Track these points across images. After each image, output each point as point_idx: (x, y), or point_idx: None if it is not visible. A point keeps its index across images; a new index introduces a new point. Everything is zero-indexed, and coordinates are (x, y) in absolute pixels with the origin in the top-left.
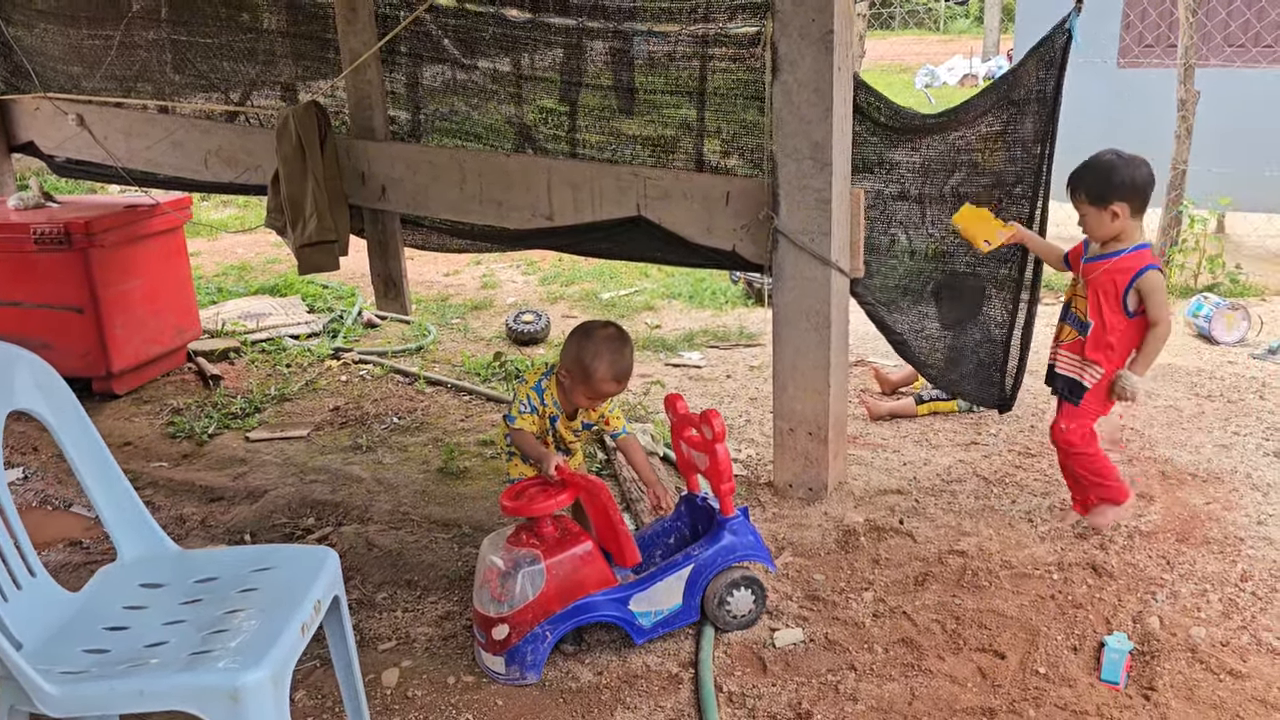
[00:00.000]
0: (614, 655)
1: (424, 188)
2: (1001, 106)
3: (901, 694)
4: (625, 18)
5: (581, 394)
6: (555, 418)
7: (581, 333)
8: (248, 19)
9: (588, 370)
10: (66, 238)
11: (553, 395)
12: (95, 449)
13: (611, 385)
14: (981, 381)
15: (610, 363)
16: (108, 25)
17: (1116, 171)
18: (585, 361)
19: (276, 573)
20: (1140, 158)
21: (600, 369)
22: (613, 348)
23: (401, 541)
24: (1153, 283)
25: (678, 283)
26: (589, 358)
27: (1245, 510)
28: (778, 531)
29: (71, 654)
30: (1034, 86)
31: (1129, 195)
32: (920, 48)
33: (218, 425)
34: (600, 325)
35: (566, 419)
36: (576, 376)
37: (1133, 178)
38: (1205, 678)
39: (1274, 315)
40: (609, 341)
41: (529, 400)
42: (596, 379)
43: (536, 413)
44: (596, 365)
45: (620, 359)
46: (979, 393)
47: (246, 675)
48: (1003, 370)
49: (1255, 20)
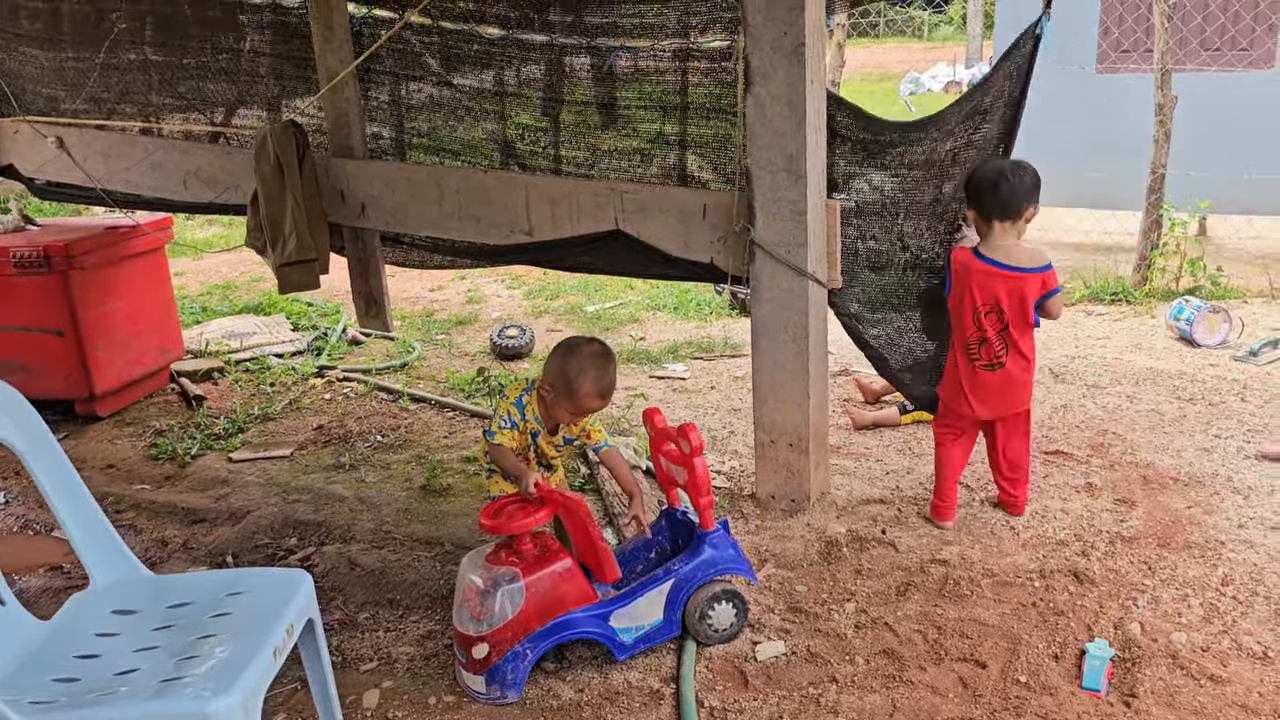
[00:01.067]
0: (595, 672)
1: (403, 205)
2: (972, 115)
3: (883, 705)
4: (598, 34)
5: (564, 409)
6: (536, 433)
7: (565, 348)
8: (225, 40)
9: (572, 386)
10: (46, 260)
11: (534, 411)
12: (66, 476)
13: (595, 401)
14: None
15: (594, 379)
16: (87, 48)
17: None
18: (569, 377)
19: (249, 597)
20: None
21: (584, 385)
22: (597, 364)
23: (384, 560)
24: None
25: (662, 295)
26: (573, 373)
27: (1226, 514)
28: (760, 543)
29: (41, 683)
30: (1002, 92)
31: (976, 203)
32: (904, 55)
33: (200, 446)
34: (585, 341)
35: (548, 434)
36: (560, 392)
37: (976, 184)
38: (1186, 684)
39: (1255, 318)
40: (593, 358)
41: (509, 416)
42: (580, 395)
43: (517, 429)
44: (581, 381)
45: (604, 375)
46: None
47: (216, 701)
48: None
49: (1230, 24)
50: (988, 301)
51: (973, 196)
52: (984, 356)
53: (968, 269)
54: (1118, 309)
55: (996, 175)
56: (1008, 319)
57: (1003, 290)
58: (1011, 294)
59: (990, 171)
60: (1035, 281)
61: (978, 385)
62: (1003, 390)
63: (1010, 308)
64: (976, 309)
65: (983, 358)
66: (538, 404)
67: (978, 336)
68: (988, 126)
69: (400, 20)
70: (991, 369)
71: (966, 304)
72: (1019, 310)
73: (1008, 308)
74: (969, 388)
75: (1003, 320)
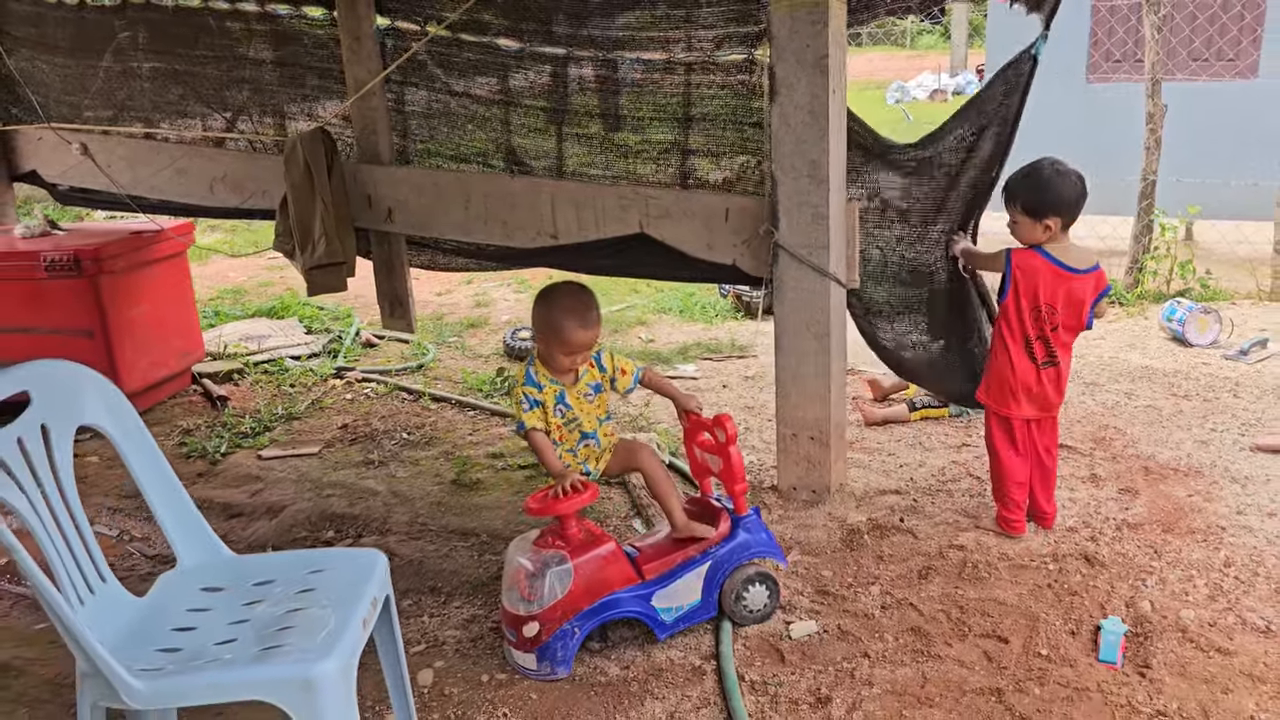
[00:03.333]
0: (638, 650)
1: (429, 209)
2: (971, 130)
3: (914, 677)
4: (615, 47)
5: (559, 352)
6: (563, 394)
7: (541, 296)
8: (251, 49)
9: (555, 325)
10: (76, 265)
11: (545, 374)
12: (156, 462)
13: (580, 333)
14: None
15: (570, 309)
16: (113, 57)
17: (1051, 188)
18: (551, 318)
19: (331, 573)
20: (1074, 171)
21: (565, 320)
22: (572, 298)
23: (422, 551)
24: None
25: (668, 298)
26: (553, 313)
27: (1225, 501)
28: (784, 532)
29: (145, 653)
30: (998, 109)
31: (1062, 211)
32: (889, 64)
33: (229, 445)
34: (557, 284)
35: (572, 388)
36: (549, 337)
37: (1064, 194)
38: (1196, 656)
39: (1244, 318)
40: (569, 295)
41: (527, 396)
42: (566, 332)
43: (540, 405)
44: (560, 318)
45: (579, 304)
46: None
47: (319, 666)
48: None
49: (1218, 36)
50: (1050, 301)
51: (1051, 202)
52: (1041, 354)
53: (1036, 270)
54: (1112, 310)
55: (1079, 181)
56: (1059, 319)
57: (1063, 291)
58: (1070, 294)
59: (1074, 177)
60: (1090, 281)
61: (1032, 383)
62: (1052, 388)
63: (1065, 308)
64: (1039, 308)
65: (1040, 355)
66: (542, 365)
67: (1037, 333)
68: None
69: (426, 35)
70: (1047, 366)
71: (1027, 303)
72: (1075, 311)
73: (1062, 308)
74: (1022, 386)
75: (1055, 320)
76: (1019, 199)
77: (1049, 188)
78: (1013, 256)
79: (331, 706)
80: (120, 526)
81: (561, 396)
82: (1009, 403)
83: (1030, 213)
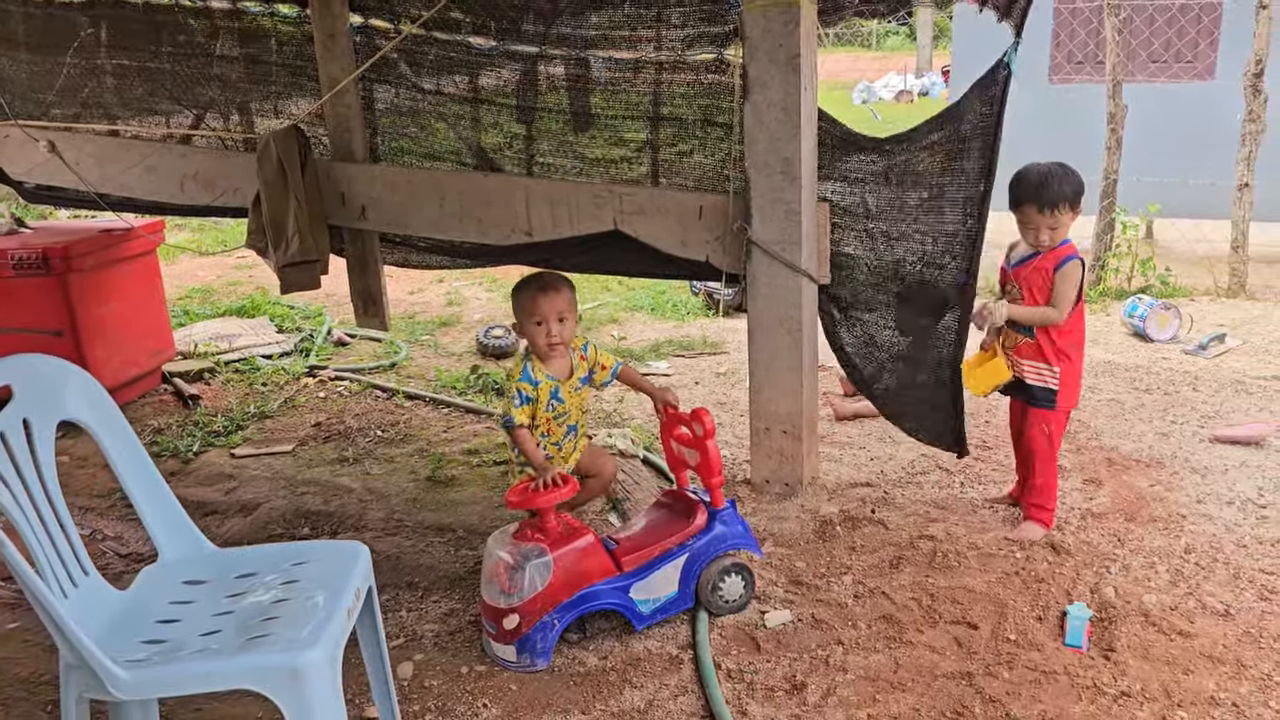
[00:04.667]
0: (616, 641)
1: (404, 207)
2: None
3: (886, 663)
4: (588, 46)
5: (539, 335)
6: (557, 389)
7: (514, 289)
8: (223, 46)
9: (522, 300)
10: (45, 263)
11: (540, 370)
12: (138, 456)
13: (542, 299)
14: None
15: (532, 280)
16: (81, 53)
17: (1076, 179)
18: (519, 296)
19: (315, 565)
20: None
21: (527, 290)
22: (537, 278)
23: (398, 547)
24: (1065, 272)
25: (639, 296)
26: (520, 291)
27: (1186, 491)
28: (758, 524)
29: (130, 645)
30: (977, 123)
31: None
32: (855, 64)
33: (201, 443)
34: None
35: (565, 383)
36: (520, 316)
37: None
38: (1158, 639)
39: (1203, 314)
40: (534, 278)
41: (520, 392)
42: (525, 300)
43: (532, 402)
44: (521, 292)
45: (542, 276)
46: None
47: (306, 654)
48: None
49: (1176, 38)
50: None
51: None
52: None
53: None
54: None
55: None
56: None
57: None
58: None
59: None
60: None
61: None
62: None
63: None
64: None
65: None
66: (535, 360)
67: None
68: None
69: (400, 33)
70: None
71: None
72: None
73: None
74: None
75: None
76: (1066, 197)
77: (1075, 177)
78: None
79: (318, 694)
80: (92, 526)
81: (555, 392)
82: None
83: (1075, 204)
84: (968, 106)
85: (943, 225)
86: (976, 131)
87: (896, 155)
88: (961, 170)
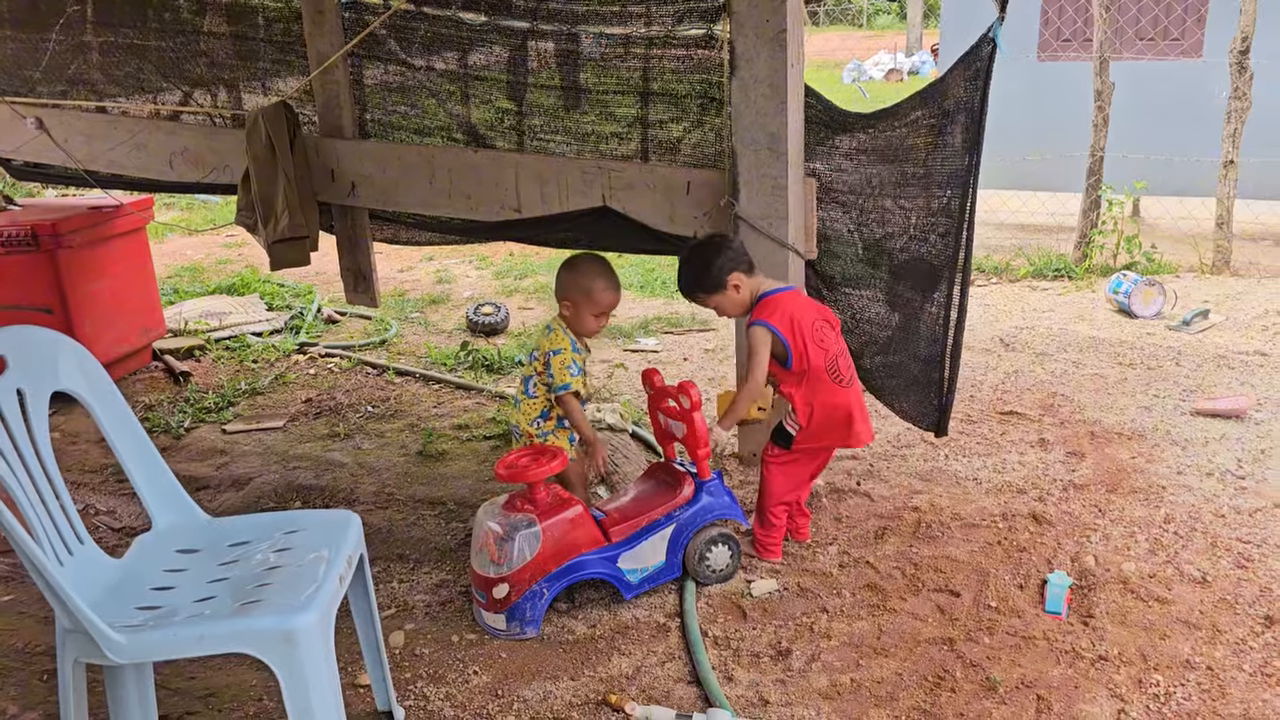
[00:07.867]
0: (604, 610)
1: (393, 183)
2: (931, 114)
3: (870, 630)
4: (578, 21)
5: (588, 313)
6: (583, 363)
7: (570, 266)
8: (212, 23)
9: (586, 288)
10: (34, 240)
11: (582, 341)
12: (131, 427)
13: (609, 294)
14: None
15: (599, 272)
16: (68, 30)
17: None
18: (582, 282)
19: (307, 534)
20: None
21: (598, 284)
22: (600, 265)
23: (390, 520)
24: (750, 338)
25: (628, 274)
26: (584, 278)
27: (1166, 463)
28: (745, 497)
29: (126, 611)
30: (962, 97)
31: (732, 268)
32: (845, 43)
33: (193, 419)
34: (579, 254)
35: (585, 357)
36: (580, 301)
37: (720, 258)
38: (1136, 605)
39: (1187, 290)
40: (595, 261)
41: (575, 363)
42: (596, 293)
43: (584, 372)
44: (594, 282)
45: (609, 270)
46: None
47: (298, 618)
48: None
49: (1163, 16)
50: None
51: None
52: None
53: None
54: (1060, 284)
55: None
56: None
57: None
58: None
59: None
60: None
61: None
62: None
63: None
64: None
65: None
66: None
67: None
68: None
69: (389, 8)
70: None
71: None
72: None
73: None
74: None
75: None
76: (696, 292)
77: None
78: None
79: (311, 657)
80: (85, 500)
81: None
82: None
83: (715, 288)
84: (953, 82)
85: (930, 201)
86: (961, 106)
87: (882, 131)
88: (948, 146)
